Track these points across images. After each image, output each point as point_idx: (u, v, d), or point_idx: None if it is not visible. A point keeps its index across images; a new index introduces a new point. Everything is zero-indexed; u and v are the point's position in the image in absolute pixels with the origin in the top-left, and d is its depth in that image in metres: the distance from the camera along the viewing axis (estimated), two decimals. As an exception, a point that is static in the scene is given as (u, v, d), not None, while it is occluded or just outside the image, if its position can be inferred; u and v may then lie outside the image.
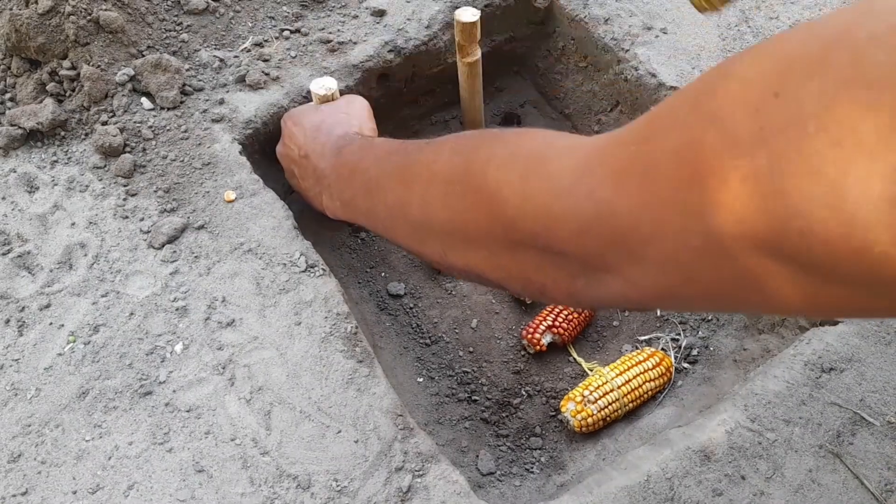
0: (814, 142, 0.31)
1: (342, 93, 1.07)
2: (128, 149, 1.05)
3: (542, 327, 1.08)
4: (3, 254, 0.99)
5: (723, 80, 0.37)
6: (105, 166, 1.05)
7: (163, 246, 0.98)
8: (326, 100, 1.03)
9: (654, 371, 1.04)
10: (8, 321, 0.93)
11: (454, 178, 0.54)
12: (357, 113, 0.95)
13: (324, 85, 1.03)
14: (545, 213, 0.46)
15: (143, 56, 1.09)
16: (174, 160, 1.04)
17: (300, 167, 0.92)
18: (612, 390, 1.01)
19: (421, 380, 1.08)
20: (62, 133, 1.08)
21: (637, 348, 1.11)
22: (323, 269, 0.96)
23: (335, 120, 0.91)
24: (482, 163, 0.52)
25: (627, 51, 1.22)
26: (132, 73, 1.07)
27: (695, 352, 1.10)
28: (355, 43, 1.20)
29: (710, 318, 1.13)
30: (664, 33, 1.24)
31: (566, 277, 0.47)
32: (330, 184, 0.78)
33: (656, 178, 0.39)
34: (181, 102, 1.09)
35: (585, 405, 1.00)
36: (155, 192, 1.02)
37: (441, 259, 0.59)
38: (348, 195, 0.74)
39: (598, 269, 0.45)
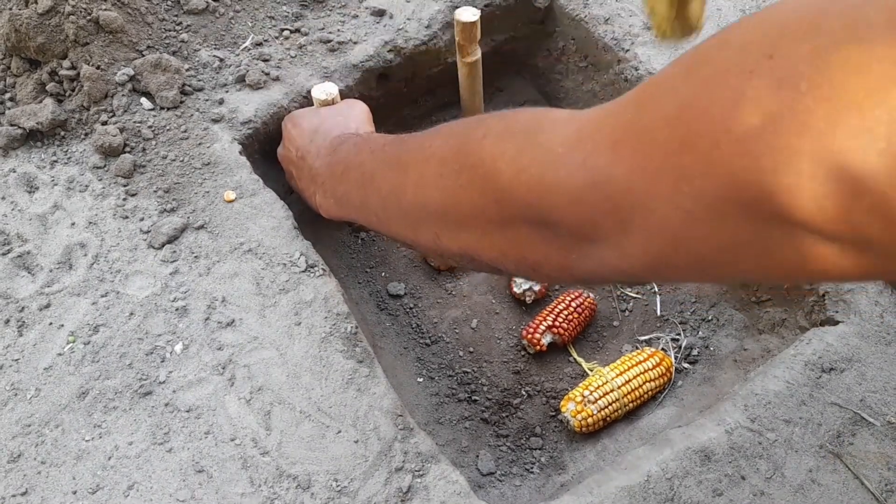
0: (805, 99, 0.32)
1: (342, 93, 1.07)
2: (128, 149, 1.05)
3: (542, 327, 1.08)
4: (3, 254, 0.99)
5: (716, 47, 0.38)
6: (105, 166, 1.05)
7: (163, 246, 0.98)
8: (327, 104, 1.03)
9: (654, 371, 1.04)
10: (8, 321, 0.93)
11: (448, 157, 0.55)
12: (356, 116, 0.95)
13: (325, 90, 1.03)
14: (538, 183, 0.46)
15: (143, 56, 1.09)
16: (174, 160, 1.04)
17: (297, 168, 0.93)
18: (612, 390, 1.01)
19: (421, 380, 1.08)
20: (62, 133, 1.08)
21: (637, 348, 1.11)
22: (323, 269, 0.96)
23: (333, 122, 0.91)
24: (477, 139, 0.52)
25: (627, 51, 1.22)
26: (132, 73, 1.07)
27: (695, 352, 1.10)
28: (355, 43, 1.20)
29: (710, 318, 1.13)
30: (664, 33, 1.24)
31: (559, 251, 0.48)
32: (324, 181, 0.79)
33: (649, 143, 0.39)
34: (181, 102, 1.09)
35: (585, 405, 1.00)
36: (155, 192, 1.02)
37: (435, 244, 0.59)
38: (341, 191, 0.75)
39: (590, 240, 0.45)
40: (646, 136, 0.39)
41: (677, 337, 1.12)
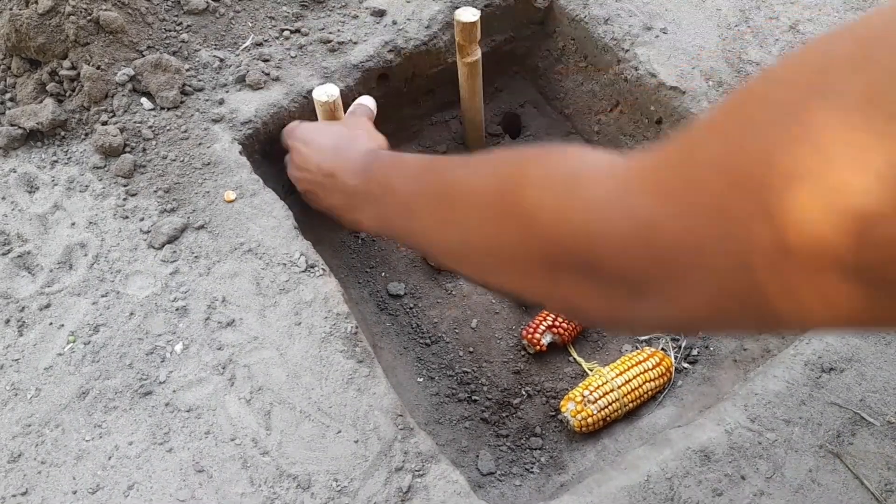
0: (859, 134, 0.31)
1: (342, 93, 1.07)
2: (128, 149, 1.05)
3: (542, 327, 1.08)
4: (3, 254, 0.99)
5: (762, 84, 0.37)
6: (105, 166, 1.05)
7: (163, 246, 0.98)
8: (328, 107, 1.03)
9: (654, 371, 1.04)
10: (8, 321, 0.93)
11: (489, 202, 0.53)
12: (365, 127, 0.94)
13: (326, 91, 1.03)
14: (583, 234, 0.45)
15: (144, 56, 1.09)
16: (174, 160, 1.04)
17: (324, 187, 0.89)
18: (612, 390, 1.01)
19: (421, 380, 1.08)
20: (62, 133, 1.08)
21: (637, 348, 1.11)
22: (323, 269, 0.96)
23: (351, 136, 0.89)
24: (517, 185, 0.51)
25: (627, 51, 1.22)
26: (132, 73, 1.07)
27: (695, 352, 1.10)
28: (355, 43, 1.20)
29: (710, 318, 1.13)
30: (664, 33, 1.24)
31: (607, 301, 0.46)
32: (362, 201, 0.77)
33: (697, 189, 0.38)
34: (181, 102, 1.09)
35: (585, 405, 1.00)
36: (155, 192, 1.02)
37: (481, 280, 0.59)
38: (383, 213, 0.73)
39: (638, 291, 0.43)
40: (693, 180, 0.38)
41: (677, 337, 1.12)
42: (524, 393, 1.08)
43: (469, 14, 1.08)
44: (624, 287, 0.44)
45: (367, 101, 1.07)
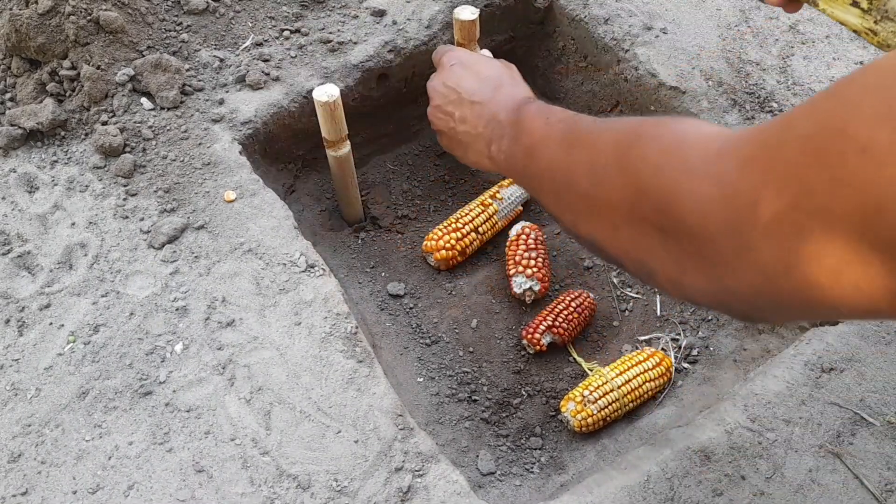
0: None
1: (342, 93, 1.07)
2: (128, 149, 1.05)
3: (542, 327, 1.08)
4: (4, 254, 0.99)
5: (862, 71, 0.39)
6: (105, 166, 1.05)
7: (163, 246, 0.98)
8: (329, 107, 1.03)
9: (654, 371, 1.04)
10: (8, 321, 0.93)
11: (605, 151, 0.58)
12: (519, 78, 0.94)
13: (326, 92, 1.03)
14: (671, 190, 0.48)
15: (144, 56, 1.09)
16: (174, 160, 1.04)
17: (466, 111, 0.89)
18: (612, 390, 1.01)
19: (421, 380, 1.08)
20: (62, 133, 1.08)
21: (637, 348, 1.11)
22: (323, 269, 0.96)
23: (512, 78, 0.91)
24: (631, 140, 0.55)
25: (627, 51, 1.22)
26: (132, 73, 1.07)
27: (695, 352, 1.10)
28: (355, 43, 1.20)
29: (710, 318, 1.13)
30: (664, 33, 1.24)
31: (675, 265, 0.49)
32: (503, 135, 0.80)
33: (779, 159, 0.40)
34: (181, 102, 1.09)
35: (585, 405, 1.00)
36: (155, 192, 1.02)
37: (572, 226, 0.63)
38: (511, 151, 0.78)
39: (708, 256, 0.46)
40: (778, 152, 0.41)
41: (677, 337, 1.12)
42: (524, 393, 1.08)
43: (468, 12, 1.08)
44: (695, 250, 0.47)
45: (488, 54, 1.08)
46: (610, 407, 1.01)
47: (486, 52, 1.05)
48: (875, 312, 0.40)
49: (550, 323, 1.08)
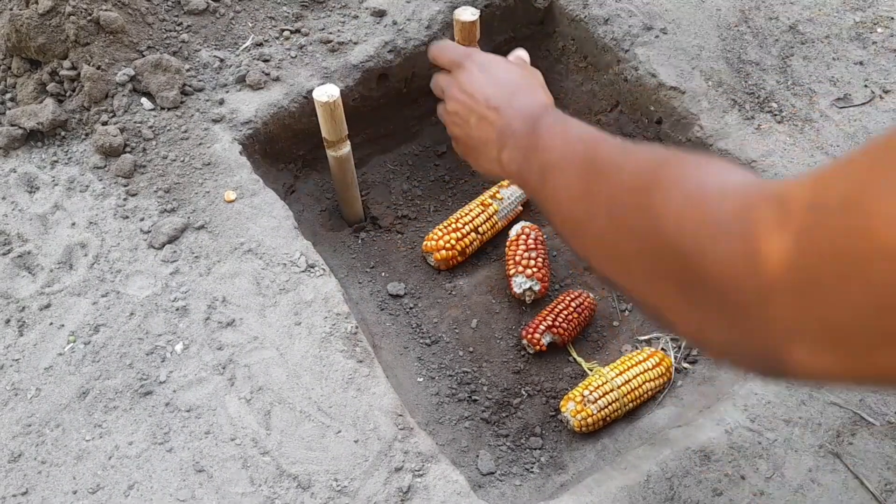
0: None
1: (342, 93, 1.07)
2: (128, 149, 1.05)
3: (542, 327, 1.08)
4: (4, 254, 0.99)
5: None
6: (105, 166, 1.05)
7: (163, 246, 0.98)
8: (329, 107, 1.03)
9: (653, 371, 1.04)
10: (8, 321, 0.93)
11: (625, 188, 0.54)
12: (542, 81, 0.92)
13: (326, 92, 1.03)
14: (695, 244, 0.45)
15: (144, 56, 1.09)
16: (174, 160, 1.04)
17: (478, 117, 0.86)
18: (612, 390, 1.01)
19: (421, 380, 1.08)
20: (62, 133, 1.08)
21: (637, 348, 1.11)
22: (323, 269, 0.96)
23: (530, 84, 0.87)
24: (654, 182, 0.51)
25: (627, 51, 1.22)
26: (132, 73, 1.07)
27: (695, 352, 1.10)
28: (355, 43, 1.20)
29: (710, 318, 1.13)
30: (664, 33, 1.24)
31: (697, 321, 0.47)
32: (516, 146, 0.77)
33: (818, 225, 0.38)
34: (181, 102, 1.09)
35: (585, 405, 1.00)
36: (155, 192, 1.02)
37: (585, 259, 0.60)
38: (527, 165, 0.74)
39: (732, 317, 0.43)
40: (815, 218, 0.38)
41: (677, 337, 1.12)
42: (524, 393, 1.08)
43: (468, 14, 1.08)
44: (717, 310, 0.44)
45: (523, 54, 1.04)
46: (610, 407, 1.01)
47: (521, 52, 1.01)
48: None
49: (550, 323, 1.08)
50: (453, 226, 1.18)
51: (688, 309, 0.47)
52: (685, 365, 1.10)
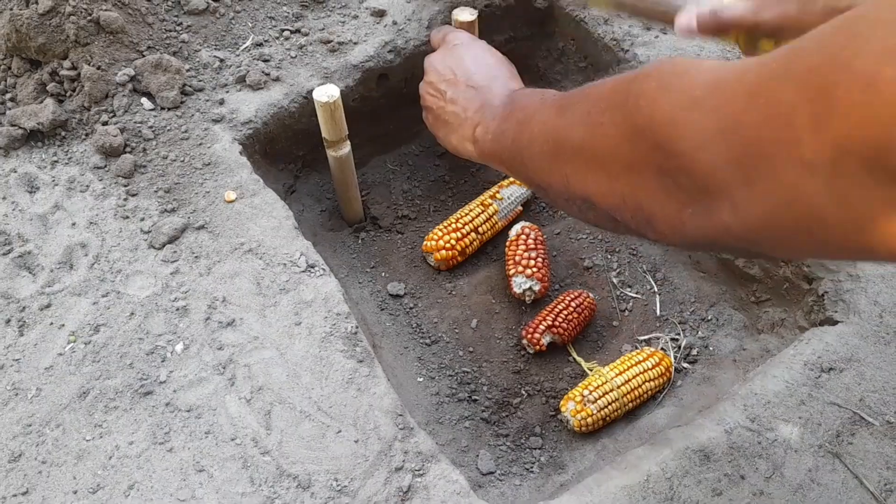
0: None
1: (342, 93, 1.07)
2: (128, 149, 1.05)
3: (542, 327, 1.08)
4: (4, 254, 0.99)
5: (874, 4, 0.38)
6: (105, 166, 1.05)
7: (163, 246, 0.98)
8: (329, 107, 1.03)
9: (653, 371, 1.04)
10: (8, 321, 0.93)
11: (601, 96, 0.57)
12: (517, 74, 0.93)
13: (326, 92, 1.03)
14: (669, 123, 0.47)
15: (144, 56, 1.09)
16: (174, 160, 1.05)
17: (459, 93, 0.87)
18: (611, 390, 1.01)
19: (421, 380, 1.08)
20: (62, 133, 1.08)
21: (637, 348, 1.11)
22: (323, 269, 0.97)
23: (511, 72, 0.90)
24: (628, 81, 0.53)
25: (627, 51, 1.22)
26: (132, 73, 1.08)
27: (694, 352, 1.10)
28: (355, 43, 1.20)
29: (709, 317, 1.13)
30: (664, 33, 1.24)
31: (675, 205, 0.48)
32: (494, 117, 0.79)
33: (785, 91, 0.39)
34: (181, 103, 1.09)
35: (585, 405, 1.00)
36: (155, 192, 1.02)
37: (564, 187, 0.61)
38: (501, 128, 0.76)
39: (708, 193, 0.45)
40: (783, 85, 0.40)
41: (677, 337, 1.12)
42: (524, 393, 1.08)
43: (467, 14, 1.09)
44: (694, 186, 0.46)
45: None
46: (610, 407, 1.01)
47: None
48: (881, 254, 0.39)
49: (550, 323, 1.09)
50: (453, 226, 1.18)
51: (667, 194, 0.49)
52: (685, 365, 1.10)
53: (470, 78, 0.87)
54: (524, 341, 1.10)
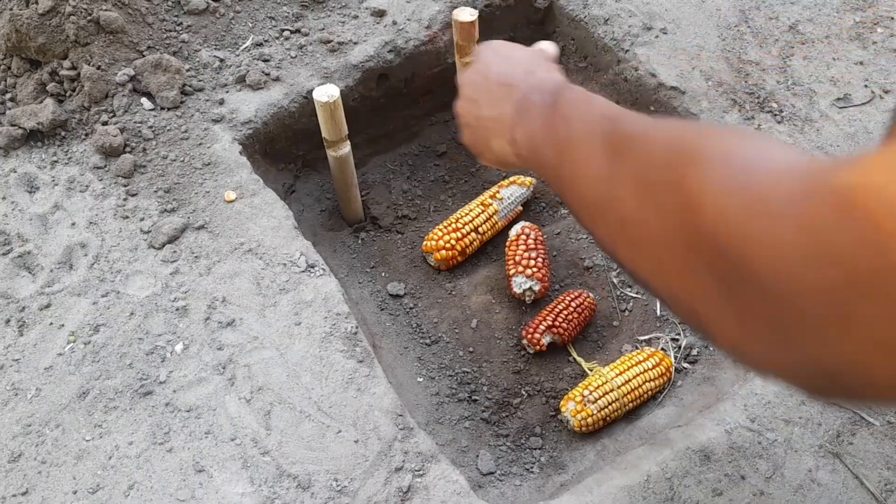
0: None
1: (342, 93, 1.07)
2: (128, 149, 1.05)
3: (542, 327, 1.08)
4: (4, 254, 0.99)
5: None
6: (105, 166, 1.05)
7: (163, 246, 0.98)
8: (329, 107, 1.03)
9: (653, 371, 1.04)
10: (8, 321, 0.93)
11: (655, 164, 0.47)
12: (555, 65, 0.88)
13: (326, 92, 1.03)
14: (740, 229, 0.37)
15: (144, 56, 1.09)
16: (174, 160, 1.04)
17: (493, 95, 0.79)
18: (612, 390, 1.01)
19: (421, 380, 1.08)
20: (62, 133, 1.08)
21: (637, 348, 1.11)
22: (323, 269, 0.96)
23: (547, 64, 0.81)
24: (689, 158, 0.44)
25: (627, 51, 1.22)
26: (132, 73, 1.07)
27: (695, 352, 1.10)
28: (355, 43, 1.20)
29: (710, 318, 1.13)
30: (664, 33, 1.24)
31: (740, 326, 0.39)
32: (534, 118, 0.69)
33: (888, 206, 0.31)
34: (181, 102, 1.09)
35: (585, 405, 1.00)
36: (155, 192, 1.02)
37: (609, 247, 0.52)
38: (543, 139, 0.66)
39: (781, 320, 0.36)
40: (884, 193, 0.32)
41: (677, 337, 1.12)
42: (524, 393, 1.08)
43: (467, 14, 1.08)
44: (769, 312, 0.37)
45: (550, 48, 0.99)
46: (610, 407, 1.01)
47: (546, 44, 0.97)
48: None
49: (550, 323, 1.08)
50: (453, 226, 1.18)
51: (730, 312, 0.39)
52: (685, 365, 1.10)
53: (501, 76, 0.79)
54: (524, 341, 1.10)
